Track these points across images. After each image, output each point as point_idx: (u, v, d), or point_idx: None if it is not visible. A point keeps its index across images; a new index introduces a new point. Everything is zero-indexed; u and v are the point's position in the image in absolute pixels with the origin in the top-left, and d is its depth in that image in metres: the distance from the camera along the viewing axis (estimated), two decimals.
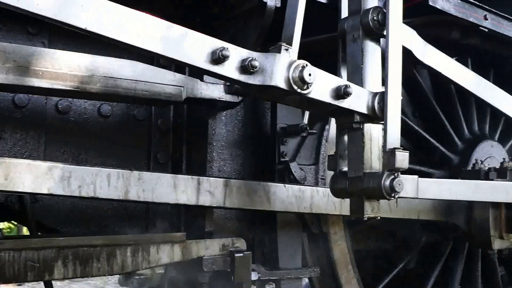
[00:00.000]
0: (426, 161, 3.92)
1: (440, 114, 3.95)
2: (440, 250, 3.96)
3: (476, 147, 3.98)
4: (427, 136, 3.86)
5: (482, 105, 4.18)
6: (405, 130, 3.65)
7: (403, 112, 3.79)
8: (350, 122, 2.41)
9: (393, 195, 2.35)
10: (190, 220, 2.94)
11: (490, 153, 4.05)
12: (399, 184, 2.34)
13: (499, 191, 3.23)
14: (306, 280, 3.89)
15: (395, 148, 2.32)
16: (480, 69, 3.56)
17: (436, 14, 3.00)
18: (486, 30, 3.20)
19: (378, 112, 2.38)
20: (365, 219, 2.44)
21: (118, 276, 3.81)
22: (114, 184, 2.30)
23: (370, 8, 2.38)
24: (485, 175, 3.44)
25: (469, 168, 3.77)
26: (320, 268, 3.23)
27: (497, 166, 3.69)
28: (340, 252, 3.31)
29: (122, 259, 2.39)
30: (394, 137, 2.35)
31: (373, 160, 2.43)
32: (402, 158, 2.32)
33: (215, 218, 2.96)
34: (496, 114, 4.16)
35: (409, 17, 2.69)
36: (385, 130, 2.35)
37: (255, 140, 3.20)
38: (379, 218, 2.50)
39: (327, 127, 3.30)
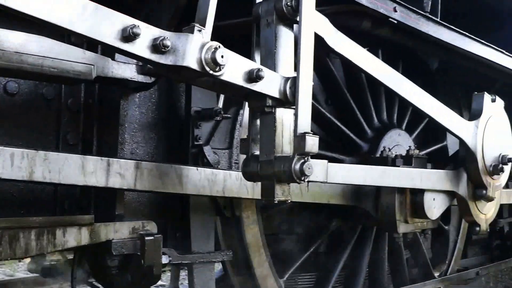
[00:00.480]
0: (338, 148, 4.03)
1: (351, 103, 4.07)
2: (350, 235, 4.10)
3: (384, 135, 4.14)
4: (339, 124, 3.97)
5: (391, 95, 4.36)
6: (318, 117, 3.76)
7: (316, 100, 3.90)
8: (262, 106, 2.44)
9: (303, 178, 2.40)
10: (100, 203, 2.87)
11: (397, 141, 4.23)
12: (309, 168, 2.40)
13: (405, 177, 3.38)
14: (220, 266, 3.93)
15: (305, 133, 2.37)
16: (390, 60, 3.69)
17: (348, 3, 3.08)
18: (395, 22, 3.31)
19: (290, 96, 2.42)
20: (276, 202, 2.49)
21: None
22: (18, 164, 2.20)
23: None
24: (392, 162, 3.59)
25: (378, 155, 3.92)
26: (233, 251, 3.26)
27: (404, 154, 3.87)
28: (252, 236, 3.34)
29: (26, 242, 2.30)
30: (305, 122, 2.40)
31: (284, 144, 2.47)
32: (312, 143, 2.38)
33: (127, 201, 2.91)
34: (404, 104, 4.35)
35: (322, 5, 2.74)
36: (296, 114, 2.39)
37: (169, 123, 3.16)
38: (289, 201, 2.56)
39: (241, 111, 3.32)
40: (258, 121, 2.55)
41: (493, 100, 3.88)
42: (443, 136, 4.98)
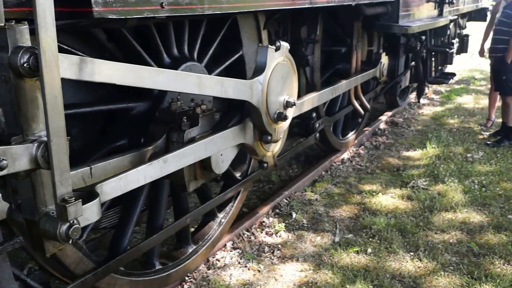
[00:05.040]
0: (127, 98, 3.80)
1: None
2: None
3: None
4: None
5: None
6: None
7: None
8: (15, 176, 2.26)
9: (70, 241, 2.35)
10: None
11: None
12: (76, 232, 2.34)
13: (190, 155, 3.26)
14: None
15: (66, 200, 2.26)
16: None
17: None
18: None
19: (43, 165, 2.25)
20: (48, 256, 2.44)
21: None
22: None
23: None
24: (178, 126, 3.45)
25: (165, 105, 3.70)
26: None
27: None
28: None
29: None
30: (65, 185, 2.27)
31: (48, 201, 2.37)
32: (75, 209, 2.28)
33: None
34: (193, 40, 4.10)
35: None
36: (53, 182, 2.24)
37: None
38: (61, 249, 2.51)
39: None
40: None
41: (278, 48, 3.78)
42: (239, 47, 4.82)
